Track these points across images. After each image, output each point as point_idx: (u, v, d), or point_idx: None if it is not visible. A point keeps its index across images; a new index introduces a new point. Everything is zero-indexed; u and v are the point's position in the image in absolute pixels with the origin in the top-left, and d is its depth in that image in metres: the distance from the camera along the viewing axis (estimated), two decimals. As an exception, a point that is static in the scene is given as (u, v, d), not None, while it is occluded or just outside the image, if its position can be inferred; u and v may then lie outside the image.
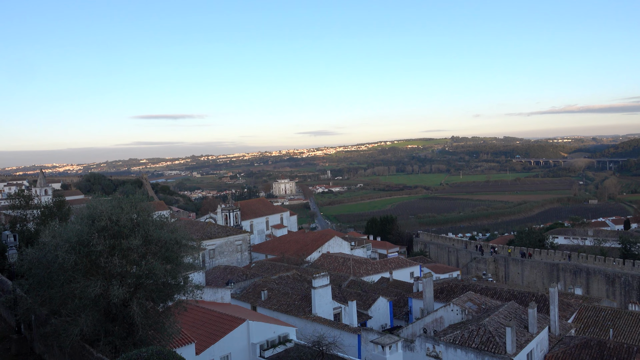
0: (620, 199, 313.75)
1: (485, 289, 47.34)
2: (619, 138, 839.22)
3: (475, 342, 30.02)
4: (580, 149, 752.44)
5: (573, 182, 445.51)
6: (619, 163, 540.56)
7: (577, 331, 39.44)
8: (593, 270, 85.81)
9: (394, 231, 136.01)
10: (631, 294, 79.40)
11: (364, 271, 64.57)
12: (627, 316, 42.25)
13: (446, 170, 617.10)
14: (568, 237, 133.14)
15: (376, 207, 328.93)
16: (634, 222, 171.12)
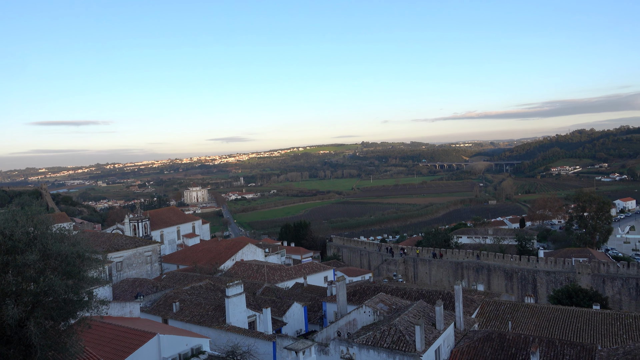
0: (516, 199, 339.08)
1: (395, 289, 48.82)
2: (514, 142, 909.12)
3: (386, 342, 30.75)
4: (480, 153, 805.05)
5: (474, 184, 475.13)
6: (514, 165, 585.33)
7: (480, 325, 41.76)
8: (493, 267, 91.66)
9: (308, 236, 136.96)
10: (527, 287, 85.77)
11: (278, 277, 64.24)
12: (524, 308, 45.42)
13: (357, 175, 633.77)
14: (471, 236, 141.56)
15: (290, 213, 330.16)
16: (529, 220, 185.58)
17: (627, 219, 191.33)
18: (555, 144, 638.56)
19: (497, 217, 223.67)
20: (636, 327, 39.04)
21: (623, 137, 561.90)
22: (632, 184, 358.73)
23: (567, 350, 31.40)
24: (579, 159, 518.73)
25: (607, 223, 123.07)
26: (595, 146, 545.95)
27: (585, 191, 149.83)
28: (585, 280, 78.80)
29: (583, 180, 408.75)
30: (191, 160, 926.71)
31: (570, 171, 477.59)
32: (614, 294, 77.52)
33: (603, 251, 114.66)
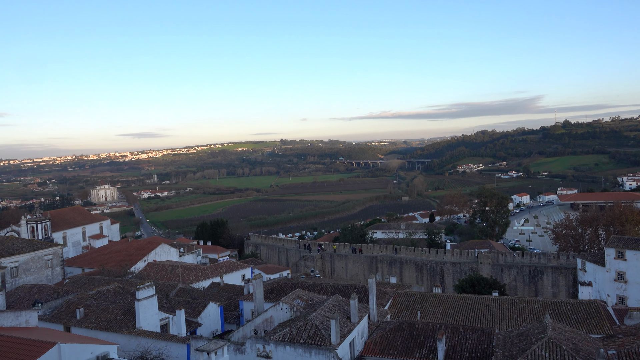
0: (426, 195, 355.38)
1: (312, 285, 49.53)
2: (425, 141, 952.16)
3: (303, 338, 31.16)
4: (394, 151, 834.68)
5: (388, 181, 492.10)
6: (425, 163, 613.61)
7: (392, 316, 43.50)
8: (405, 260, 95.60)
9: (225, 235, 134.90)
10: (435, 278, 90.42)
11: (194, 278, 62.77)
12: (432, 298, 47.93)
13: (276, 172, 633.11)
14: (385, 231, 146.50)
15: (207, 211, 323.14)
16: (438, 215, 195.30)
17: (522, 213, 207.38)
18: (462, 143, 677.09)
19: (409, 212, 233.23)
20: (529, 310, 42.62)
21: (519, 137, 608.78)
22: (527, 180, 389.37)
23: (469, 335, 33.61)
24: (482, 157, 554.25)
25: (505, 217, 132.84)
26: (496, 146, 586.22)
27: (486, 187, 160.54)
28: (486, 269, 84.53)
29: (485, 177, 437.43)
30: (99, 156, 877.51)
31: (474, 169, 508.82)
32: (511, 281, 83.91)
33: (502, 242, 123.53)
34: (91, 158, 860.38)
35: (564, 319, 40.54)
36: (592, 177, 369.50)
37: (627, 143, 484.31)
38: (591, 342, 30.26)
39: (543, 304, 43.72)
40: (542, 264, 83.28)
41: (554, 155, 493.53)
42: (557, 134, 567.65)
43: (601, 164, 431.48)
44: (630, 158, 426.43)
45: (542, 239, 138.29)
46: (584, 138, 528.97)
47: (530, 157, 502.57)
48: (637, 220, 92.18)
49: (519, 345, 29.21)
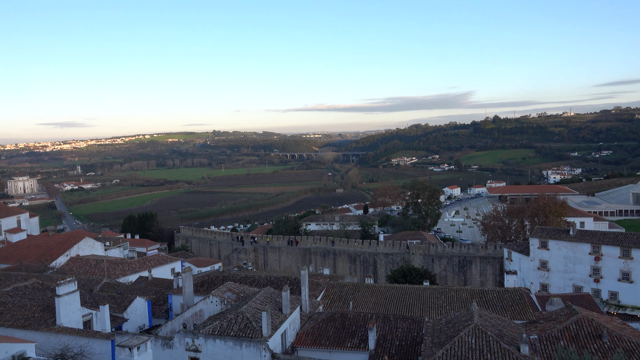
0: (360, 187, 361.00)
1: (244, 277, 48.50)
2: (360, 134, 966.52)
3: (233, 330, 30.23)
4: (329, 144, 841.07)
5: (323, 173, 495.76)
6: (360, 156, 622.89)
7: (325, 307, 43.32)
8: (339, 251, 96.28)
9: (154, 228, 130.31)
10: (368, 269, 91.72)
11: (120, 272, 59.85)
12: (364, 288, 48.22)
13: (208, 164, 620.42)
14: (319, 223, 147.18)
15: (135, 203, 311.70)
16: (371, 207, 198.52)
17: (453, 205, 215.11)
18: (396, 136, 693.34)
19: (343, 204, 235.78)
20: (457, 298, 43.81)
21: (451, 132, 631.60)
22: (458, 173, 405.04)
23: (400, 324, 33.97)
24: (415, 150, 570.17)
25: (437, 208, 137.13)
26: (429, 139, 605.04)
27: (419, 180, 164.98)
28: (418, 259, 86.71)
29: (418, 170, 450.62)
30: (16, 146, 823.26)
31: (408, 162, 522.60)
32: (441, 270, 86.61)
33: (433, 233, 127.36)
34: (8, 148, 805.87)
35: (490, 307, 41.95)
36: (519, 171, 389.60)
37: (552, 138, 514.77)
38: (515, 327, 31.36)
39: (471, 293, 45.08)
40: (471, 254, 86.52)
41: (484, 149, 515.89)
42: (487, 128, 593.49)
43: (528, 158, 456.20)
44: (555, 153, 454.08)
45: (471, 230, 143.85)
46: (512, 133, 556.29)
47: (462, 151, 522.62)
48: (560, 212, 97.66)
49: (447, 332, 29.76)
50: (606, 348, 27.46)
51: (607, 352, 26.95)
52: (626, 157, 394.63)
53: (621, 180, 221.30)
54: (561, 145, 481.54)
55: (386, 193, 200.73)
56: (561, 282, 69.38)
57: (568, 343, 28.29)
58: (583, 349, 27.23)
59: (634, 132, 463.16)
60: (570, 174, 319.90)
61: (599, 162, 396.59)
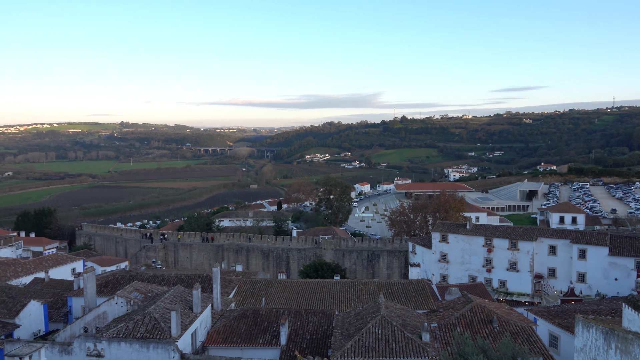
0: (275, 183, 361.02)
1: (153, 276, 47.06)
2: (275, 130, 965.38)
3: (140, 332, 29.33)
4: (244, 139, 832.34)
5: (237, 168, 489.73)
6: (274, 152, 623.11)
7: (237, 304, 43.21)
8: (252, 247, 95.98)
9: (53, 225, 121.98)
10: (281, 264, 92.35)
11: (12, 274, 55.50)
12: (277, 284, 48.67)
13: (115, 157, 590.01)
14: (232, 219, 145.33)
15: (31, 198, 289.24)
16: (285, 202, 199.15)
17: (363, 201, 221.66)
18: (310, 133, 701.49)
19: (257, 200, 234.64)
20: (366, 291, 45.59)
21: (363, 130, 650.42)
22: (368, 170, 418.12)
23: (311, 318, 34.78)
24: (329, 147, 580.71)
25: (348, 204, 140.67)
26: (342, 137, 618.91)
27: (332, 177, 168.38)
28: (329, 254, 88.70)
29: (331, 166, 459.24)
30: None
31: (321, 158, 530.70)
32: (351, 264, 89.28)
33: (344, 229, 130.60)
34: None
35: (396, 298, 44.08)
36: (424, 169, 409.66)
37: (452, 139, 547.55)
38: (418, 317, 33.29)
39: (378, 285, 47.07)
40: (379, 248, 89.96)
41: (393, 147, 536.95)
42: (396, 128, 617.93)
43: (431, 156, 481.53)
44: (455, 152, 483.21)
45: (380, 225, 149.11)
46: (418, 133, 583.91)
47: (372, 149, 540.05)
48: (458, 208, 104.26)
49: (356, 324, 30.96)
50: (496, 332, 30.02)
51: (496, 336, 29.46)
52: (515, 158, 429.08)
53: (510, 178, 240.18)
54: (460, 145, 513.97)
55: (300, 189, 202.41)
56: (459, 272, 74.36)
57: (464, 329, 30.54)
58: (476, 334, 29.53)
59: (522, 135, 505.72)
60: (468, 172, 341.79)
61: (492, 162, 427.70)
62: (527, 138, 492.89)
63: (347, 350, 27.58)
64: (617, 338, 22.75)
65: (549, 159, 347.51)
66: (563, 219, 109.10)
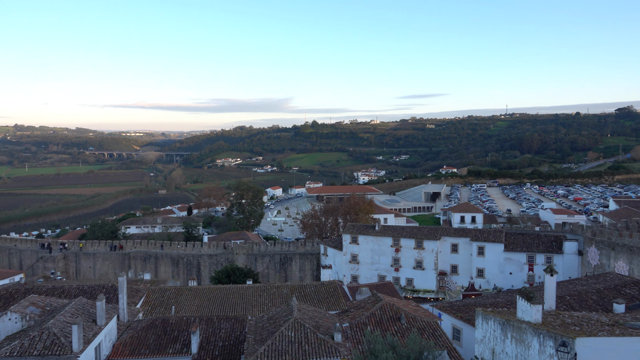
0: (184, 188, 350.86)
1: (52, 289, 44.00)
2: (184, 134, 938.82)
3: (37, 349, 27.32)
4: (151, 143, 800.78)
5: (145, 174, 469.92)
6: (184, 156, 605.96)
7: (145, 314, 41.51)
8: (161, 254, 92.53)
9: None
10: (192, 271, 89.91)
11: None
12: (187, 292, 47.40)
13: (8, 162, 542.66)
14: (140, 226, 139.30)
15: None
16: (196, 208, 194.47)
17: (275, 205, 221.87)
18: (221, 137, 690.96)
19: (166, 206, 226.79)
20: (279, 295, 45.74)
21: (274, 134, 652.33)
22: (280, 174, 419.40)
23: (223, 324, 34.30)
24: (240, 152, 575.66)
25: (260, 208, 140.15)
26: (253, 141, 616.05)
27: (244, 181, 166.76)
28: (241, 259, 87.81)
29: (243, 171, 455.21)
30: None
31: (232, 163, 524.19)
32: (264, 268, 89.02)
33: (257, 233, 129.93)
34: None
35: (308, 300, 44.63)
36: (334, 172, 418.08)
37: (362, 143, 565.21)
38: (330, 318, 33.97)
39: (291, 288, 47.39)
40: (291, 252, 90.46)
41: (304, 152, 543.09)
42: (307, 132, 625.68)
43: (342, 160, 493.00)
44: (364, 156, 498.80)
45: (292, 228, 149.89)
46: (328, 137, 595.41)
47: (284, 153, 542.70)
48: (368, 210, 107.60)
49: (269, 328, 31.00)
50: (404, 329, 31.41)
51: (405, 332, 30.82)
52: (420, 161, 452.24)
53: (416, 181, 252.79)
54: (369, 149, 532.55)
55: (211, 194, 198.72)
56: (369, 272, 76.82)
57: (374, 327, 31.64)
58: (386, 331, 30.70)
59: (426, 140, 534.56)
60: (377, 175, 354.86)
61: (399, 165, 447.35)
62: (430, 142, 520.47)
63: (260, 354, 27.53)
64: (512, 328, 24.72)
65: (451, 162, 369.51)
66: (464, 218, 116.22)
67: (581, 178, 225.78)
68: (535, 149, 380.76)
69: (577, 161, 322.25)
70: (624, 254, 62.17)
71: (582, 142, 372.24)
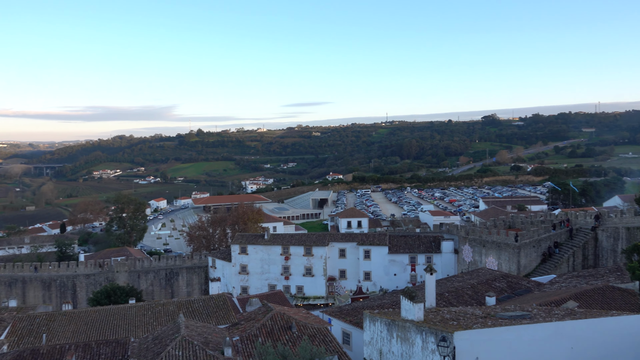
0: (57, 203, 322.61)
1: None
2: (56, 145, 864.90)
3: None
4: (17, 155, 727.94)
5: (9, 189, 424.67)
6: (56, 169, 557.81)
7: (10, 345, 37.21)
8: (29, 278, 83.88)
9: None
10: (66, 294, 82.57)
11: None
12: (61, 317, 43.29)
13: None
14: (4, 247, 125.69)
15: None
16: (70, 224, 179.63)
17: (160, 217, 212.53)
18: (98, 148, 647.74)
19: (35, 224, 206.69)
20: (164, 312, 43.52)
21: (157, 144, 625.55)
22: (164, 185, 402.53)
23: (103, 349, 31.70)
24: (120, 163, 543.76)
25: (143, 222, 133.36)
26: (134, 151, 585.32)
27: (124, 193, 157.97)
28: (123, 277, 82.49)
29: (123, 183, 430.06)
30: None
31: (111, 174, 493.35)
32: (148, 286, 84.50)
33: (140, 248, 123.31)
34: None
35: (196, 316, 42.99)
36: (221, 182, 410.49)
37: (249, 152, 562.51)
38: (219, 332, 32.95)
39: (178, 305, 45.34)
40: (177, 266, 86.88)
41: (189, 161, 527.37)
42: (192, 141, 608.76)
43: (229, 169, 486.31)
44: (252, 165, 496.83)
45: (178, 241, 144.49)
46: (214, 146, 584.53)
47: (168, 163, 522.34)
48: (256, 219, 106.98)
49: (154, 349, 29.25)
50: (295, 337, 31.39)
51: (296, 341, 30.81)
52: (307, 168, 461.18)
53: (303, 188, 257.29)
54: (257, 157, 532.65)
55: (87, 208, 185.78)
56: (259, 282, 76.29)
57: (265, 338, 31.23)
58: (277, 341, 30.45)
59: (312, 147, 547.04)
60: (265, 183, 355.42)
61: (287, 173, 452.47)
62: (316, 150, 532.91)
63: (145, 378, 25.85)
64: (397, 327, 25.72)
65: (337, 169, 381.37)
66: (350, 223, 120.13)
67: (455, 181, 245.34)
68: (413, 155, 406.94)
69: (451, 165, 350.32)
70: (493, 250, 68.27)
71: (454, 148, 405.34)
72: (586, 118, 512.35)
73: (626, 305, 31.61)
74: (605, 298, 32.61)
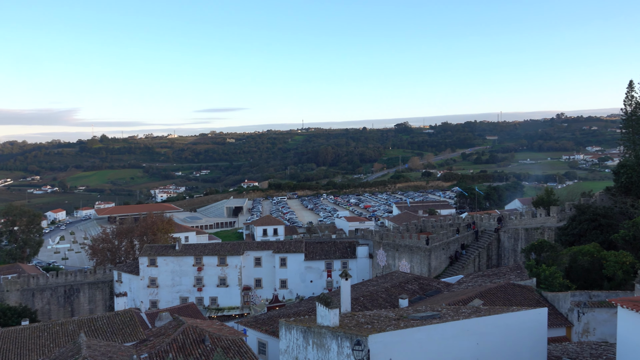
0: None
1: None
2: None
3: None
4: None
5: None
6: None
7: None
8: None
9: None
10: (-54, 318, 73.89)
11: None
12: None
13: None
14: None
15: None
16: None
17: (58, 230, 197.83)
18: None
19: None
20: (63, 333, 40.06)
21: (55, 150, 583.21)
22: (63, 195, 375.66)
23: (-11, 379, 28.46)
24: (11, 171, 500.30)
25: (38, 236, 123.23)
26: (28, 159, 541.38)
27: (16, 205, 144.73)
28: (15, 297, 75.36)
29: (14, 193, 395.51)
30: None
31: (1, 184, 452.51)
32: (44, 304, 77.86)
33: (34, 264, 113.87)
34: None
35: (100, 334, 40.04)
36: (128, 191, 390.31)
37: (158, 159, 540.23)
38: (125, 350, 30.78)
39: (79, 323, 41.97)
40: (78, 282, 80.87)
41: (92, 169, 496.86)
42: (95, 148, 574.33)
43: (136, 177, 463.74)
44: (162, 172, 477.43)
45: (79, 255, 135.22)
46: (120, 153, 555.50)
47: (67, 171, 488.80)
48: (167, 229, 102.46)
49: (51, 374, 26.71)
50: (208, 350, 30.08)
51: (209, 354, 29.52)
52: (221, 176, 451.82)
53: (217, 196, 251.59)
54: (167, 165, 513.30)
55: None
56: (169, 296, 73.06)
57: (176, 354, 29.61)
58: (189, 356, 29.00)
59: (226, 154, 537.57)
60: (176, 192, 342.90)
61: (200, 181, 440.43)
62: (231, 157, 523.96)
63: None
64: (313, 334, 25.43)
65: (252, 176, 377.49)
66: (266, 231, 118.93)
67: (369, 187, 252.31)
68: (329, 162, 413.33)
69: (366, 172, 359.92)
70: (405, 254, 70.53)
71: (369, 155, 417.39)
72: (490, 127, 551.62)
73: (525, 300, 33.86)
74: (507, 295, 34.68)
